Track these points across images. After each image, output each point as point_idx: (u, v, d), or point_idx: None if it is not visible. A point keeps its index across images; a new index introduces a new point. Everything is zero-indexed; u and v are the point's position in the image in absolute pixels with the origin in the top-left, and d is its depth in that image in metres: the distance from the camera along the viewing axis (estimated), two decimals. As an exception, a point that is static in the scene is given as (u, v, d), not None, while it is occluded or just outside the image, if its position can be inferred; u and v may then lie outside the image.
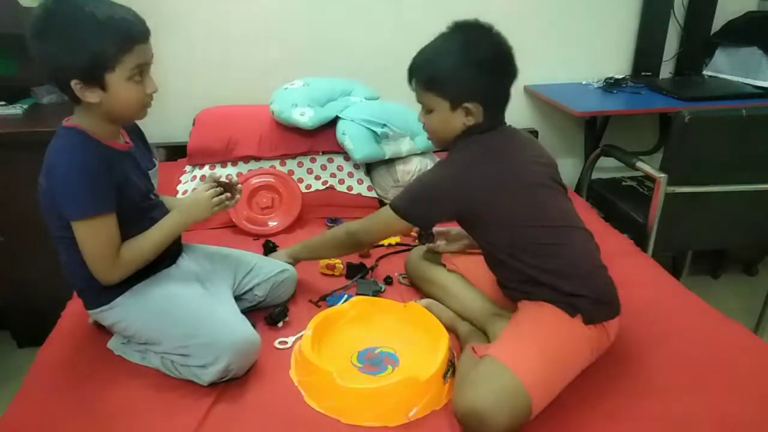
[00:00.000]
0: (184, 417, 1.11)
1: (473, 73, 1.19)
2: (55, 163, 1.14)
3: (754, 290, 2.30)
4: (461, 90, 1.20)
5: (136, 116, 1.23)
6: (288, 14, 2.27)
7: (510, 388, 1.03)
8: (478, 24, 1.24)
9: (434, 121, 1.26)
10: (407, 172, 1.95)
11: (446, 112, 1.23)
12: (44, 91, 2.13)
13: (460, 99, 1.21)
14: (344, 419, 1.11)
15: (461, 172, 1.21)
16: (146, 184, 1.30)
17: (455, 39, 1.22)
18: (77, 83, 1.11)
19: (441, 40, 1.24)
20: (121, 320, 1.26)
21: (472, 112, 1.21)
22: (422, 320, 1.34)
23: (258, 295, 1.43)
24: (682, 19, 2.49)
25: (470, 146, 1.24)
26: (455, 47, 1.21)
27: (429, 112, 1.27)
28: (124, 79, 1.13)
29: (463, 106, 1.21)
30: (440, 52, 1.23)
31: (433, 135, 1.31)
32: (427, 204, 1.27)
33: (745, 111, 1.74)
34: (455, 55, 1.20)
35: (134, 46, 1.12)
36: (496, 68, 1.21)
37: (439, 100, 1.23)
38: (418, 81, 1.25)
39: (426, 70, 1.24)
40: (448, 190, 1.23)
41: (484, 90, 1.20)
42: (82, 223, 1.14)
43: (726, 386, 1.18)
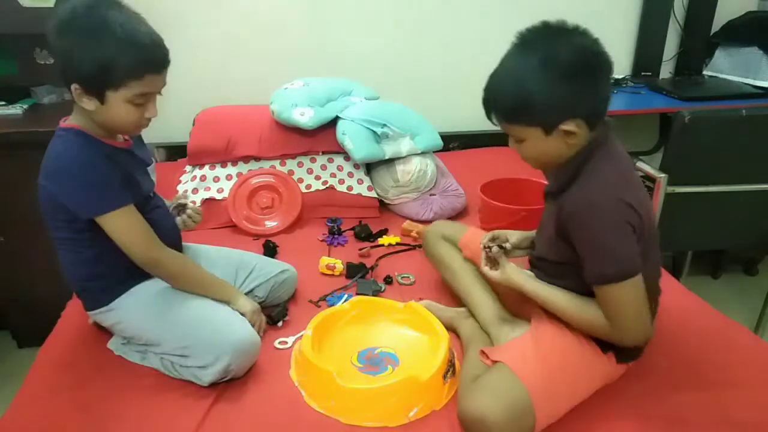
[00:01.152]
0: (184, 417, 1.11)
1: (560, 88, 1.00)
2: (60, 165, 1.13)
3: (754, 290, 2.30)
4: (552, 112, 1.02)
5: (128, 133, 1.24)
6: (288, 14, 2.27)
7: (520, 403, 1.02)
8: (548, 28, 1.04)
9: (529, 150, 1.09)
10: (407, 172, 1.94)
11: (541, 139, 1.05)
12: (44, 91, 2.13)
13: (553, 122, 1.03)
14: (344, 419, 1.11)
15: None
16: (147, 181, 1.31)
17: (528, 55, 1.02)
18: (77, 88, 1.11)
19: (512, 60, 1.05)
20: (120, 321, 1.26)
21: (573, 132, 1.03)
22: (422, 320, 1.33)
23: (258, 296, 1.43)
24: (682, 19, 2.49)
25: (604, 170, 1.05)
26: (528, 66, 1.01)
27: (520, 141, 1.09)
28: (124, 100, 1.12)
29: (560, 129, 1.03)
30: (514, 76, 1.04)
31: (533, 163, 1.13)
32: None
33: (745, 111, 1.74)
34: (533, 75, 1.01)
35: (145, 75, 1.11)
36: (585, 73, 1.01)
37: (529, 129, 1.05)
38: (497, 114, 1.08)
39: (503, 101, 1.06)
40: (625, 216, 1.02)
41: (579, 102, 1.02)
42: (105, 217, 1.14)
43: (726, 386, 1.18)
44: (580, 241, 1.05)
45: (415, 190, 1.98)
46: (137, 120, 1.16)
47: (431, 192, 2.01)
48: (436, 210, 1.95)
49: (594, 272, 1.04)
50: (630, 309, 1.04)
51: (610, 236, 1.02)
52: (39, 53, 2.11)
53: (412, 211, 1.97)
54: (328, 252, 1.76)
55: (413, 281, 1.60)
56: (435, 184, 2.02)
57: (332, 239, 1.82)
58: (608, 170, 1.06)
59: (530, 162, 1.13)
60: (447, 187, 2.03)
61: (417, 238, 1.79)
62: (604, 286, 1.03)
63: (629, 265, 1.02)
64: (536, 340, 1.14)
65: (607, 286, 1.03)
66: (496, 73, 1.08)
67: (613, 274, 1.02)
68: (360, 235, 1.83)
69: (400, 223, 1.89)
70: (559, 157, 1.08)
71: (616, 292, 1.03)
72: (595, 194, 1.03)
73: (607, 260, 1.02)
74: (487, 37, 2.36)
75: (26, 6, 1.87)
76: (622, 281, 1.02)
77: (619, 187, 1.04)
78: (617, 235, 1.02)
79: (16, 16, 1.86)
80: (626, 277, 1.02)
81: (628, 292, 1.03)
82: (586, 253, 1.05)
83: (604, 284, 1.03)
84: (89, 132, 1.17)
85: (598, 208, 1.02)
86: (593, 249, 1.04)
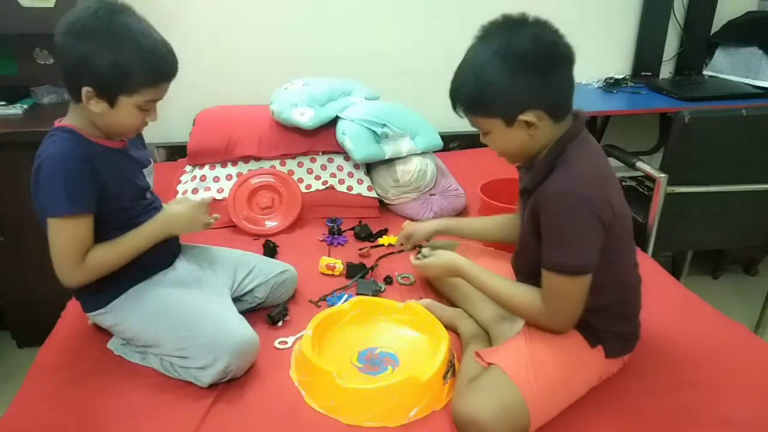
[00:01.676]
0: (184, 417, 1.11)
1: (516, 79, 1.01)
2: (40, 162, 1.13)
3: (754, 290, 2.30)
4: (509, 103, 1.03)
5: (126, 136, 1.25)
6: (288, 14, 2.27)
7: (513, 404, 1.03)
8: (508, 21, 1.05)
9: (495, 142, 1.11)
10: (407, 172, 1.94)
11: (503, 130, 1.07)
12: (44, 91, 2.13)
13: (512, 113, 1.04)
14: (344, 419, 1.11)
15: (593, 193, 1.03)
16: (142, 181, 1.31)
17: (485, 47, 1.04)
18: (89, 91, 1.11)
19: (471, 53, 1.07)
20: (118, 323, 1.26)
21: (533, 123, 1.04)
22: (422, 320, 1.33)
23: (258, 297, 1.43)
24: (682, 19, 2.49)
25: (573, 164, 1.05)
26: (486, 57, 1.03)
27: (486, 134, 1.12)
28: (134, 105, 1.15)
29: (519, 120, 1.04)
30: (473, 68, 1.06)
31: (504, 155, 1.15)
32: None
33: (745, 111, 1.74)
34: (490, 66, 1.02)
35: (159, 83, 1.16)
36: (542, 64, 1.01)
37: (491, 120, 1.07)
38: (460, 106, 1.10)
39: (463, 92, 1.08)
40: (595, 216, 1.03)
41: (537, 93, 1.03)
42: (53, 221, 1.13)
43: (726, 386, 1.18)
44: (547, 226, 1.06)
45: (415, 190, 1.98)
46: (140, 124, 1.21)
47: (431, 192, 2.01)
48: (436, 210, 1.95)
49: (551, 258, 1.06)
50: (571, 302, 1.07)
51: (577, 228, 1.03)
52: (39, 53, 2.11)
53: (412, 211, 1.97)
54: (328, 252, 1.76)
55: (413, 281, 1.60)
56: (435, 184, 2.02)
57: (332, 239, 1.82)
58: (583, 164, 1.06)
59: (502, 155, 1.16)
60: (447, 187, 2.03)
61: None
62: (555, 274, 1.05)
63: (587, 262, 1.04)
64: (527, 339, 1.15)
65: (559, 275, 1.05)
66: (459, 65, 1.10)
67: (569, 267, 1.04)
68: (360, 235, 1.83)
69: (400, 223, 1.88)
70: (526, 149, 1.10)
71: (565, 284, 1.06)
72: (569, 185, 1.03)
73: (568, 251, 1.04)
74: (487, 37, 2.37)
75: (26, 6, 1.87)
76: (575, 275, 1.04)
77: (594, 181, 1.05)
78: (585, 229, 1.03)
79: (16, 16, 1.86)
80: (580, 273, 1.04)
81: (575, 287, 1.06)
82: (549, 238, 1.06)
83: (556, 273, 1.05)
84: (81, 130, 1.17)
85: (571, 198, 1.02)
86: (557, 236, 1.05)
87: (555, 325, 1.12)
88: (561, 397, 1.10)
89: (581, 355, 1.13)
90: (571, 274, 1.05)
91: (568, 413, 1.10)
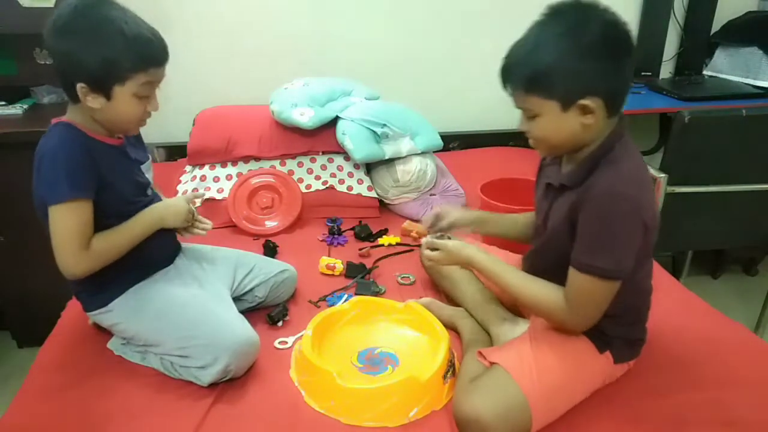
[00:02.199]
0: (184, 417, 1.11)
1: (584, 61, 0.97)
2: (42, 155, 1.13)
3: (754, 290, 2.30)
4: (572, 84, 0.98)
5: (130, 130, 1.26)
6: (288, 14, 2.27)
7: (515, 404, 1.03)
8: (579, 3, 1.00)
9: (542, 127, 1.04)
10: (407, 172, 1.94)
11: (556, 114, 1.01)
12: (44, 91, 2.13)
13: (572, 96, 0.99)
14: (344, 419, 1.11)
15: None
16: (142, 178, 1.31)
17: (554, 25, 0.99)
18: (83, 87, 1.11)
19: (537, 30, 1.01)
20: (119, 322, 1.26)
21: (591, 108, 0.99)
22: (422, 320, 1.33)
23: (258, 296, 1.43)
24: (682, 19, 2.49)
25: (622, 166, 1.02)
26: (556, 34, 0.98)
27: (533, 117, 1.04)
28: (131, 94, 1.15)
29: (578, 104, 0.99)
30: (539, 44, 0.99)
31: (541, 143, 1.08)
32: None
33: (745, 111, 1.74)
34: (558, 44, 0.97)
35: (150, 68, 1.15)
36: (611, 50, 0.98)
37: (546, 102, 1.01)
38: (515, 83, 1.03)
39: (523, 68, 1.01)
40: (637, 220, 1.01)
41: (601, 80, 0.98)
42: (55, 208, 1.12)
43: (726, 386, 1.18)
44: (588, 225, 1.01)
45: (415, 190, 1.98)
46: (141, 114, 1.19)
47: (431, 192, 2.01)
48: (436, 210, 1.95)
49: (586, 259, 1.02)
50: (596, 304, 1.05)
51: (622, 232, 1.00)
52: (39, 53, 2.11)
53: (412, 211, 1.97)
54: (328, 252, 1.76)
55: (413, 281, 1.60)
56: (435, 184, 2.02)
57: (332, 239, 1.82)
58: (631, 165, 1.03)
59: (540, 144, 1.08)
60: (447, 187, 2.03)
61: (417, 238, 1.78)
62: (587, 275, 1.02)
63: (623, 267, 1.01)
64: (533, 341, 1.14)
65: (591, 277, 1.01)
66: (519, 41, 1.03)
67: (605, 271, 1.01)
68: (360, 235, 1.83)
69: (400, 223, 1.89)
70: (573, 140, 1.04)
71: (595, 286, 1.02)
72: (622, 186, 0.99)
73: (607, 254, 1.00)
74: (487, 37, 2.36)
75: (26, 6, 1.87)
76: (608, 280, 1.02)
77: (643, 184, 1.03)
78: (628, 234, 1.00)
79: (16, 16, 1.86)
80: (613, 279, 1.02)
81: (605, 290, 1.03)
82: (588, 238, 1.02)
83: (589, 274, 1.02)
84: (79, 126, 1.17)
85: (621, 200, 0.98)
86: (598, 238, 1.01)
87: (573, 324, 1.10)
88: (564, 399, 1.10)
89: (586, 358, 1.13)
90: (604, 277, 1.01)
91: (568, 413, 1.10)
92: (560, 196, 1.11)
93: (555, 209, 1.13)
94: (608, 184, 1.00)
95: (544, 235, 1.18)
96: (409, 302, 1.39)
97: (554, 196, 1.14)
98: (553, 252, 1.12)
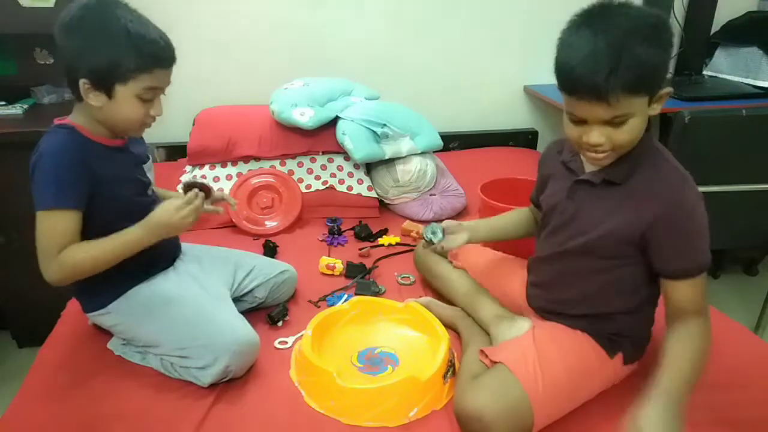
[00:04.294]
0: (184, 417, 1.11)
1: (666, 52, 0.98)
2: (36, 158, 1.13)
3: (754, 290, 2.30)
4: (663, 75, 0.99)
5: (133, 132, 1.24)
6: (288, 14, 2.27)
7: (518, 403, 1.03)
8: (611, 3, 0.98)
9: (632, 129, 0.99)
10: (407, 172, 1.95)
11: (645, 111, 0.99)
12: (44, 91, 2.13)
13: (660, 86, 0.99)
14: (344, 419, 1.11)
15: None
16: (143, 177, 1.30)
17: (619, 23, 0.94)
18: (86, 83, 1.12)
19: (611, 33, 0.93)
20: (118, 323, 1.26)
21: (667, 96, 1.01)
22: (422, 320, 1.33)
23: (258, 297, 1.43)
24: (682, 19, 2.49)
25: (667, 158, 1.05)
26: (635, 31, 0.93)
27: (622, 123, 0.98)
28: (133, 95, 1.14)
29: (660, 95, 0.99)
30: (625, 43, 0.93)
31: (623, 147, 1.03)
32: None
33: (745, 111, 1.74)
34: (644, 39, 0.93)
35: (155, 69, 1.14)
36: (668, 37, 0.99)
37: (641, 100, 0.98)
38: (615, 89, 0.93)
39: (626, 70, 0.92)
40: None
41: (667, 66, 1.00)
42: (38, 214, 1.12)
43: (726, 386, 1.18)
44: (679, 234, 1.04)
45: (415, 190, 1.98)
46: (142, 117, 1.18)
47: (431, 192, 2.01)
48: (436, 210, 1.95)
49: (697, 261, 1.05)
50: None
51: (705, 223, 1.05)
52: (39, 53, 2.10)
53: (412, 211, 1.97)
54: (328, 252, 1.76)
55: (413, 281, 1.60)
56: (435, 184, 2.02)
57: (332, 239, 1.83)
58: (675, 162, 1.06)
59: (620, 149, 1.03)
60: (447, 187, 2.03)
61: (417, 238, 1.79)
62: (700, 277, 1.05)
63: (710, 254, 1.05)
64: (537, 341, 1.14)
65: (702, 274, 1.05)
66: (596, 49, 0.93)
67: (708, 262, 1.05)
68: (360, 235, 1.83)
69: (400, 223, 1.89)
70: (641, 134, 1.03)
71: (705, 279, 1.06)
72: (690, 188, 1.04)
73: (706, 246, 1.05)
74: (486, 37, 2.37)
75: (26, 6, 1.87)
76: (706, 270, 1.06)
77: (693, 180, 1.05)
78: (707, 227, 1.05)
79: (16, 16, 1.86)
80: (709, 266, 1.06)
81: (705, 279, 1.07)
82: (685, 243, 1.04)
83: (701, 273, 1.05)
84: (79, 127, 1.17)
85: (699, 201, 1.04)
86: (695, 238, 1.04)
87: (708, 327, 1.08)
88: (567, 402, 1.09)
89: (593, 362, 1.13)
90: (707, 268, 1.06)
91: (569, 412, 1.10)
92: (601, 193, 1.09)
93: (597, 207, 1.10)
94: (679, 189, 1.04)
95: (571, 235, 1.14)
96: (409, 302, 1.39)
97: (589, 193, 1.11)
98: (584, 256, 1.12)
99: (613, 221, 1.07)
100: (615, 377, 1.16)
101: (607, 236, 1.08)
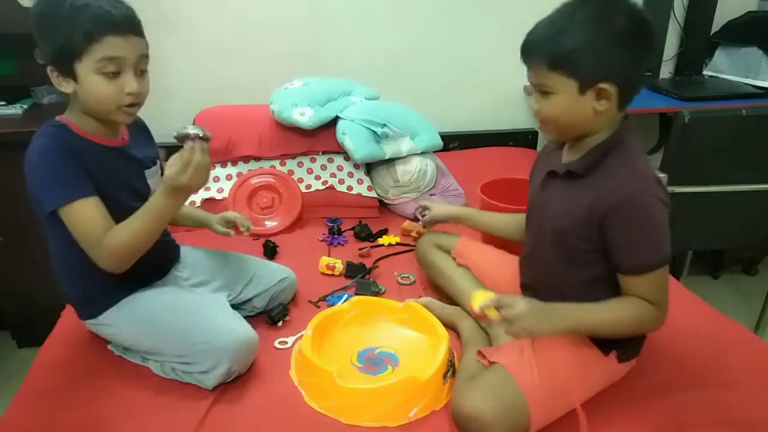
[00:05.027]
0: (184, 417, 1.11)
1: (612, 46, 0.99)
2: (28, 158, 1.11)
3: (754, 290, 2.30)
4: (596, 67, 1.00)
5: (113, 116, 1.14)
6: (288, 14, 2.27)
7: (515, 404, 1.03)
8: None
9: (555, 105, 1.05)
10: (407, 172, 1.94)
11: (573, 95, 1.02)
12: (44, 91, 2.12)
13: (592, 78, 1.01)
14: (344, 419, 1.11)
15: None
16: (140, 184, 1.26)
17: (584, 8, 1.01)
18: (52, 70, 1.10)
19: (566, 12, 1.03)
20: (115, 334, 1.26)
21: (608, 93, 1.01)
22: (422, 320, 1.33)
23: (256, 307, 1.42)
24: (682, 19, 2.49)
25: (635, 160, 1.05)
26: (586, 17, 1.00)
27: (547, 95, 1.05)
28: (92, 70, 1.08)
29: (596, 87, 1.01)
30: (568, 25, 1.01)
31: (550, 124, 1.09)
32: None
33: (745, 111, 1.74)
34: (588, 26, 0.99)
35: (104, 37, 1.06)
36: (637, 41, 1.01)
37: (566, 81, 1.02)
38: (538, 58, 1.03)
39: (550, 44, 1.01)
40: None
41: (621, 67, 1.01)
42: (62, 211, 1.10)
43: (726, 386, 1.18)
44: (630, 229, 1.03)
45: (415, 190, 1.98)
46: (114, 95, 1.10)
47: (431, 192, 2.01)
48: (436, 210, 1.95)
49: (649, 257, 1.04)
50: (667, 289, 1.08)
51: (661, 218, 1.04)
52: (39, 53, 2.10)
53: (412, 211, 1.97)
54: (328, 252, 1.76)
55: (413, 281, 1.60)
56: (435, 184, 2.02)
57: (332, 239, 1.83)
58: (646, 162, 1.06)
59: (548, 125, 1.09)
60: (447, 187, 2.03)
61: (417, 238, 1.79)
62: (658, 271, 1.05)
63: (669, 250, 1.05)
64: (534, 342, 1.14)
65: (661, 269, 1.05)
66: (547, 19, 1.04)
67: (666, 256, 1.05)
68: (360, 235, 1.83)
69: (400, 223, 1.89)
70: (582, 124, 1.06)
71: (664, 273, 1.06)
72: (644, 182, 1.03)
73: (662, 243, 1.05)
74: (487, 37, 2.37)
75: (26, 6, 1.87)
76: (665, 265, 1.06)
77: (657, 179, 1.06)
78: (664, 217, 1.04)
79: (16, 16, 1.86)
80: (668, 261, 1.06)
81: (667, 273, 1.07)
82: (638, 238, 1.04)
83: (659, 267, 1.05)
84: (73, 126, 1.15)
85: (654, 199, 1.03)
86: (648, 234, 1.04)
87: (664, 320, 1.09)
88: (564, 401, 1.09)
89: (589, 362, 1.13)
90: (666, 262, 1.06)
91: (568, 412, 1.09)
92: (566, 184, 1.11)
93: (560, 199, 1.12)
94: (631, 183, 1.03)
95: (543, 228, 1.17)
96: (409, 302, 1.39)
97: (557, 184, 1.14)
98: (554, 249, 1.13)
99: (573, 212, 1.08)
100: (611, 376, 1.16)
101: (568, 226, 1.10)
